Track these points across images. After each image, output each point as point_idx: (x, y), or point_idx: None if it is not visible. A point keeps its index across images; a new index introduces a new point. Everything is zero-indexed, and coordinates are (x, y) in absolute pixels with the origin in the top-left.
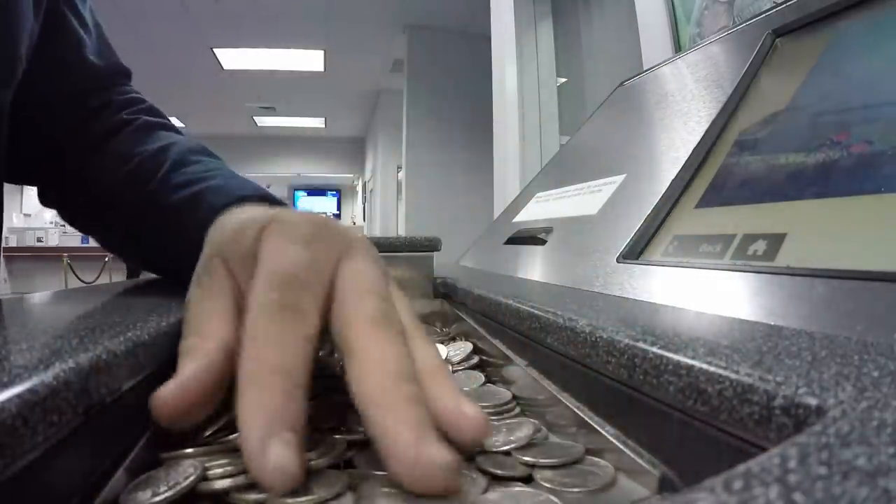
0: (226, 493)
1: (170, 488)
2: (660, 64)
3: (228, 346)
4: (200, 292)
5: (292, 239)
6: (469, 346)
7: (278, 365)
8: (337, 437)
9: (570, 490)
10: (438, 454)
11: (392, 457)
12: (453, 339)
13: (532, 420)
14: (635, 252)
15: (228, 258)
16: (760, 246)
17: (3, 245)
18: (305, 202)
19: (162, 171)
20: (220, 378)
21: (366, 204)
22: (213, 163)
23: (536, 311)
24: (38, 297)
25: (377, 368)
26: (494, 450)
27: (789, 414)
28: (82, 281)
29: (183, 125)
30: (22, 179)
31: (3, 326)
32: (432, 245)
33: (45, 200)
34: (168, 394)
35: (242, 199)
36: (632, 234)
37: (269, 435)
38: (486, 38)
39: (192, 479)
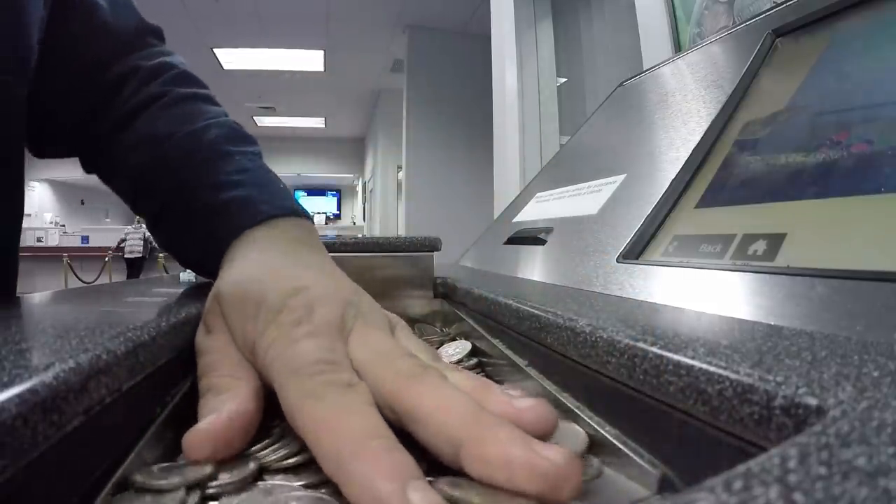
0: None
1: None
2: (660, 64)
3: (257, 392)
4: (213, 340)
5: (297, 337)
6: (468, 346)
7: (370, 428)
8: None
9: None
10: (557, 453)
11: (518, 474)
12: (453, 339)
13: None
14: (635, 252)
15: (233, 335)
16: (760, 246)
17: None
18: (305, 202)
19: (189, 166)
20: (254, 420)
21: (366, 204)
22: (245, 160)
23: (536, 311)
24: (38, 297)
25: (450, 413)
26: None
27: (789, 414)
28: (82, 281)
29: None
30: (55, 154)
31: (4, 326)
32: (432, 245)
33: (88, 168)
34: (205, 433)
35: (267, 219)
36: (632, 234)
37: (402, 488)
38: (486, 38)
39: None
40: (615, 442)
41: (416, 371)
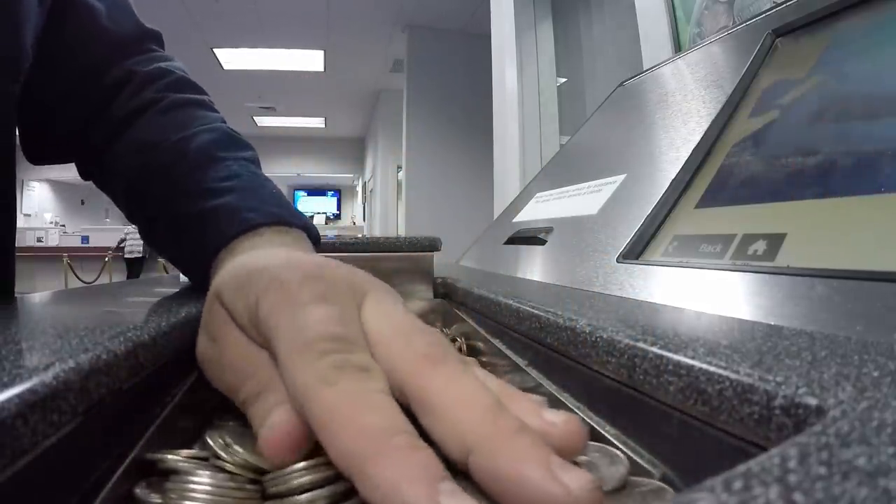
0: None
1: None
2: (660, 64)
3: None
4: (215, 348)
5: (304, 301)
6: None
7: (389, 426)
8: None
9: None
10: (577, 479)
11: (528, 497)
12: (454, 340)
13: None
14: (635, 252)
15: (235, 316)
16: (760, 246)
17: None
18: (305, 202)
19: (176, 173)
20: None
21: (366, 204)
22: (235, 166)
23: (536, 311)
24: (38, 297)
25: (466, 409)
26: None
27: (789, 414)
28: (82, 281)
29: None
30: (53, 160)
31: (4, 326)
32: (432, 245)
33: (84, 174)
34: (277, 435)
35: (253, 228)
36: (632, 234)
37: (432, 493)
38: (486, 38)
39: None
40: (615, 442)
41: (436, 353)
